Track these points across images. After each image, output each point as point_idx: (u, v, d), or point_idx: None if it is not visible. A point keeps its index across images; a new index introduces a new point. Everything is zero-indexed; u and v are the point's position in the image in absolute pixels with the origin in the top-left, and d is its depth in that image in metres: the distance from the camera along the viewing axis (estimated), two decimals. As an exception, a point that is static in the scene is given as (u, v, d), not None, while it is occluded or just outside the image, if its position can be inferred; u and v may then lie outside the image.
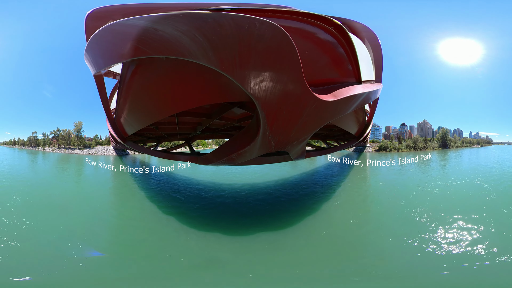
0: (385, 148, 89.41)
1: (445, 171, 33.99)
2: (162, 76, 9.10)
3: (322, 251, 10.61)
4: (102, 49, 8.63)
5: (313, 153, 22.13)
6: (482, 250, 9.90)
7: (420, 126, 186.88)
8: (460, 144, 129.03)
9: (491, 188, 20.43)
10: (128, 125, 14.71)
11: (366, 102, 14.74)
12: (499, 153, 76.65)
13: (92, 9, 8.66)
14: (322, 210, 15.79)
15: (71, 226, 12.60)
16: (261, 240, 11.57)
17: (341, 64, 11.27)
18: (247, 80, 6.42)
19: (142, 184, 24.05)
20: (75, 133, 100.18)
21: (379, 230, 12.51)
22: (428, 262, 9.37)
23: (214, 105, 12.86)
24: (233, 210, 16.00)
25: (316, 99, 8.06)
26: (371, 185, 23.64)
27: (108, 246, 11.24)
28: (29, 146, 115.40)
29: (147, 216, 15.16)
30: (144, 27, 5.86)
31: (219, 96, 9.06)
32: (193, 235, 12.22)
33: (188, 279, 8.51)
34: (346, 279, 8.57)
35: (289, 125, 8.92)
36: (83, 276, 8.58)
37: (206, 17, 5.15)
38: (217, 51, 5.69)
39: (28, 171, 35.55)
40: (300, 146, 12.22)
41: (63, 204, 16.66)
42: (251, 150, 10.03)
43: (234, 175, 26.54)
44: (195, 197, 18.94)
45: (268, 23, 5.55)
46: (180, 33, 5.41)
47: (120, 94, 11.84)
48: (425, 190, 20.21)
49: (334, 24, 9.80)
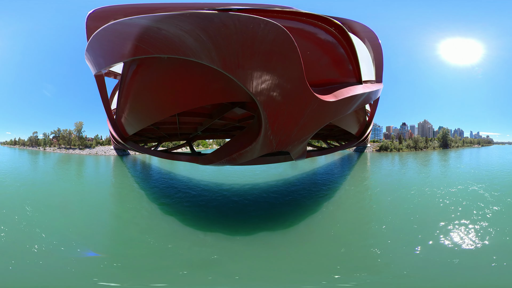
0: (386, 148, 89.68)
1: (437, 173, 33.26)
2: (163, 76, 9.11)
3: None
4: (103, 49, 8.63)
5: (314, 153, 22.13)
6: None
7: (421, 126, 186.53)
8: (461, 144, 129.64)
9: (490, 196, 17.70)
10: (129, 125, 14.72)
11: (366, 102, 14.74)
12: (499, 153, 76.79)
13: (94, 9, 8.65)
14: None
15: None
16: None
17: (342, 64, 11.28)
18: (249, 80, 6.42)
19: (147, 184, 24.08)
20: (75, 133, 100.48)
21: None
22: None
23: (215, 105, 12.86)
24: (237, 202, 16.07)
25: (317, 100, 8.07)
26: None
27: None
28: (30, 146, 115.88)
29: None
30: (147, 26, 5.87)
31: (220, 96, 9.06)
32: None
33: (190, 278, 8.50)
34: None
35: (291, 125, 8.92)
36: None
37: (212, 17, 5.15)
38: (220, 51, 5.69)
39: (34, 173, 35.68)
40: (301, 146, 12.23)
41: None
42: (253, 150, 10.04)
43: (234, 175, 26.59)
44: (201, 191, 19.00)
45: (272, 23, 5.56)
46: (184, 32, 5.42)
47: (121, 94, 11.85)
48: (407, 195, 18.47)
49: (335, 24, 9.82)
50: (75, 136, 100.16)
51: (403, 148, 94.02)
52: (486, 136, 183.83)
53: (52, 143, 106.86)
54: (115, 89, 21.57)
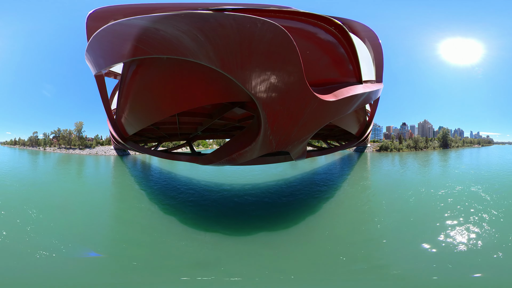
0: (386, 148, 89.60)
1: (434, 172, 33.15)
2: (162, 76, 9.10)
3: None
4: (103, 49, 8.63)
5: (314, 153, 22.12)
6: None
7: (421, 126, 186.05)
8: (461, 144, 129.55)
9: (491, 199, 16.66)
10: (129, 125, 14.73)
11: (366, 102, 14.72)
12: (500, 153, 76.65)
13: (94, 9, 8.65)
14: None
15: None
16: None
17: (342, 64, 11.27)
18: (248, 79, 6.41)
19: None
20: (75, 133, 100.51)
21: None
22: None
23: (215, 105, 12.86)
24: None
25: (317, 99, 8.06)
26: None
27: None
28: (30, 146, 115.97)
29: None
30: (145, 27, 5.86)
31: (220, 96, 9.04)
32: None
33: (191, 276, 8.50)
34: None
35: (290, 125, 8.91)
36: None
37: (207, 17, 5.14)
38: (218, 51, 5.68)
39: (35, 173, 35.65)
40: (301, 146, 12.22)
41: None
42: (252, 150, 10.03)
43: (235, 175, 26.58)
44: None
45: (269, 23, 5.54)
46: (182, 33, 5.41)
47: (121, 94, 11.85)
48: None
49: (335, 24, 9.79)
50: (75, 136, 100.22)
51: (403, 148, 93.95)
52: (486, 136, 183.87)
53: (52, 143, 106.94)
54: (115, 89, 21.59)
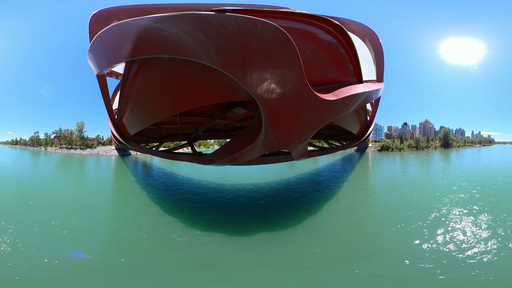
0: (387, 147, 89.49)
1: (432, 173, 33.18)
2: (164, 76, 9.17)
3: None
4: (105, 49, 8.70)
5: (314, 153, 22.15)
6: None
7: (422, 125, 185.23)
8: (462, 143, 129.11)
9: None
10: (130, 125, 14.81)
11: (367, 102, 14.77)
12: (501, 153, 76.38)
13: (97, 10, 8.71)
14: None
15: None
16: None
17: (342, 64, 11.32)
18: (249, 79, 6.49)
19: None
20: (77, 133, 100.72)
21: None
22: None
23: (216, 105, 12.93)
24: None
25: (317, 98, 8.12)
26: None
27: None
28: (31, 146, 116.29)
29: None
30: (149, 27, 5.95)
31: (221, 96, 9.12)
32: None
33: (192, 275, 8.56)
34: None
35: (291, 124, 8.97)
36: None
37: (210, 18, 5.23)
38: (219, 51, 5.77)
39: (36, 173, 35.80)
40: (302, 146, 12.27)
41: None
42: (253, 150, 10.09)
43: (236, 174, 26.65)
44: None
45: (268, 23, 5.63)
46: (184, 33, 5.50)
47: (122, 94, 11.93)
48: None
49: (333, 24, 9.84)
50: (76, 136, 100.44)
51: (405, 148, 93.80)
52: (488, 135, 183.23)
53: (54, 143, 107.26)
54: (117, 89, 21.65)
